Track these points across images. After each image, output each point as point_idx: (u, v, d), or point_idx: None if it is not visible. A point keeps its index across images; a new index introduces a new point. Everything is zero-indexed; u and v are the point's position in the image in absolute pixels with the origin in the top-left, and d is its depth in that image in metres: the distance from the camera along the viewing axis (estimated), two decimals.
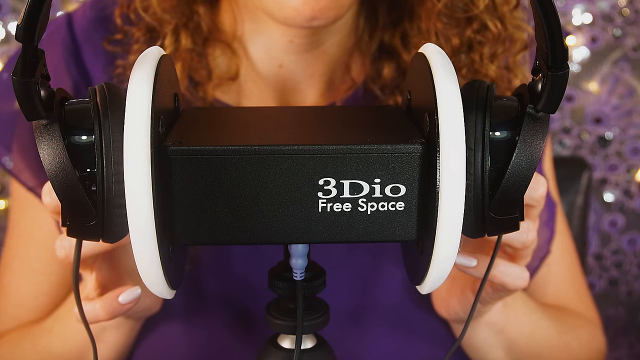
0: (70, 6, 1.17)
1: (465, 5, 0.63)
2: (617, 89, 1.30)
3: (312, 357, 0.49)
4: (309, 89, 0.71)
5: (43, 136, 0.39)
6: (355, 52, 0.72)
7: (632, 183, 1.35)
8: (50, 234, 0.70)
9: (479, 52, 0.65)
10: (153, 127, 0.37)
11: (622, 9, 1.27)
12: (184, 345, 0.69)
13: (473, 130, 0.41)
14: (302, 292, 0.47)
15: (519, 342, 0.69)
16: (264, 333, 0.51)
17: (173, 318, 0.69)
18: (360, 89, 0.71)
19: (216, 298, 0.69)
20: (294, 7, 0.59)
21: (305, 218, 0.40)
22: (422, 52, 0.44)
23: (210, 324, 0.69)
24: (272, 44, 0.68)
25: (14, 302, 0.72)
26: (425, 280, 0.42)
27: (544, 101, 0.40)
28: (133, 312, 0.58)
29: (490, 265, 0.48)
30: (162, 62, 0.41)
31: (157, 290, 0.41)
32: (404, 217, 0.41)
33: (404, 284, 0.70)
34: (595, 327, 0.79)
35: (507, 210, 0.42)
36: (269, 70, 0.70)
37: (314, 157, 0.40)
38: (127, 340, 0.67)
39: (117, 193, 0.40)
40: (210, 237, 0.41)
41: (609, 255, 1.39)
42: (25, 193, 0.71)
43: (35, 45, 0.36)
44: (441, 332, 0.70)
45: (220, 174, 0.40)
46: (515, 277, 0.53)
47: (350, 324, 0.69)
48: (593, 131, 1.32)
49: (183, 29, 0.66)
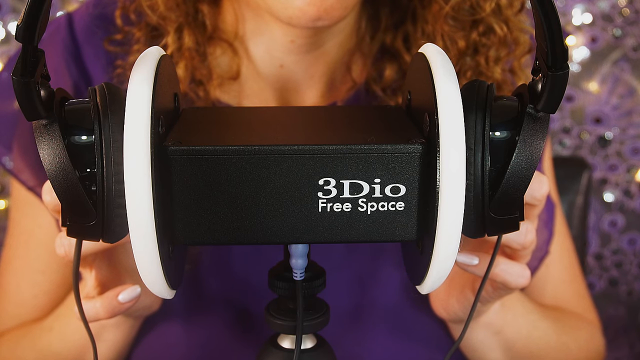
0: (70, 6, 1.17)
1: (472, 8, 0.63)
2: (617, 89, 1.30)
3: (312, 357, 0.49)
4: (310, 89, 0.71)
5: (43, 136, 0.39)
6: (357, 53, 0.72)
7: (632, 183, 1.35)
8: (50, 233, 0.70)
9: (484, 55, 0.65)
10: (153, 127, 0.37)
11: (622, 9, 1.27)
12: (183, 345, 0.69)
13: (473, 130, 0.41)
14: (302, 292, 0.47)
15: (516, 343, 0.69)
16: (264, 333, 0.51)
17: (173, 318, 0.69)
18: (361, 89, 0.71)
19: (216, 298, 0.69)
20: (298, 7, 0.59)
21: (305, 218, 0.40)
22: (422, 52, 0.44)
23: (210, 323, 0.69)
24: (274, 43, 0.68)
25: (14, 301, 0.72)
26: (426, 280, 0.42)
27: (544, 101, 0.40)
28: (133, 310, 0.58)
29: (491, 265, 0.48)
30: (162, 62, 0.41)
31: (157, 290, 0.41)
32: (404, 217, 0.41)
33: (403, 285, 0.70)
34: (594, 328, 0.79)
35: (507, 210, 0.42)
36: (270, 70, 0.70)
37: (314, 157, 0.40)
38: (127, 339, 0.67)
39: (117, 193, 0.40)
40: (210, 237, 0.41)
41: (609, 255, 1.39)
42: (25, 192, 0.71)
43: (35, 45, 0.36)
44: (439, 333, 0.70)
45: (220, 174, 0.40)
46: (517, 276, 0.54)
47: (349, 324, 0.69)
48: (593, 131, 1.32)
49: (186, 28, 0.66)
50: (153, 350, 0.70)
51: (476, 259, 0.52)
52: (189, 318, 0.69)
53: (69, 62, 0.69)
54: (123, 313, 0.54)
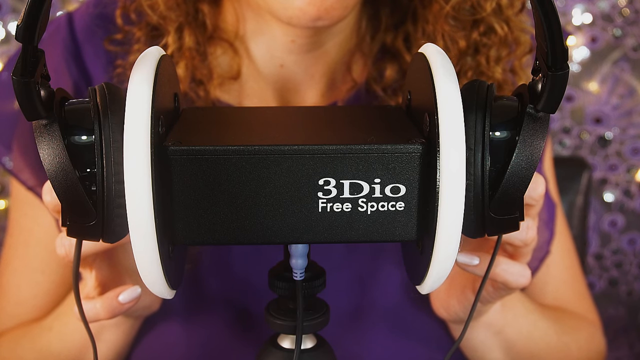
0: (70, 6, 1.17)
1: (472, 8, 0.63)
2: (617, 89, 1.30)
3: (312, 357, 0.49)
4: (310, 89, 0.71)
5: (43, 136, 0.39)
6: (357, 53, 0.72)
7: (632, 183, 1.35)
8: (50, 233, 0.70)
9: (485, 54, 0.65)
10: (153, 127, 0.37)
11: (622, 9, 1.27)
12: (183, 344, 0.69)
13: (473, 130, 0.41)
14: (302, 292, 0.47)
15: (517, 343, 0.69)
16: (264, 333, 0.51)
17: (173, 318, 0.69)
18: (362, 89, 0.71)
19: (216, 298, 0.69)
20: (299, 7, 0.59)
21: (305, 218, 0.40)
22: (422, 52, 0.44)
23: (210, 323, 0.69)
24: (274, 43, 0.68)
25: (13, 300, 0.72)
26: (426, 280, 0.42)
27: (544, 101, 0.40)
28: (132, 311, 0.58)
29: (491, 265, 0.48)
30: (162, 62, 0.41)
31: (157, 290, 0.41)
32: (404, 217, 0.41)
33: (403, 285, 0.70)
34: (594, 329, 0.79)
35: (507, 210, 0.42)
36: (270, 70, 0.70)
37: (314, 157, 0.40)
38: (126, 339, 0.67)
39: (117, 193, 0.40)
40: (210, 237, 0.41)
41: (609, 255, 1.39)
42: (25, 192, 0.71)
43: (35, 45, 0.36)
44: (439, 333, 0.70)
45: (220, 174, 0.40)
46: (517, 275, 0.54)
47: (349, 324, 0.69)
48: (593, 131, 1.32)
49: (187, 27, 0.66)
50: (153, 350, 0.70)
51: (477, 259, 0.52)
52: (189, 318, 0.69)
53: (69, 62, 0.69)
54: (123, 313, 0.54)
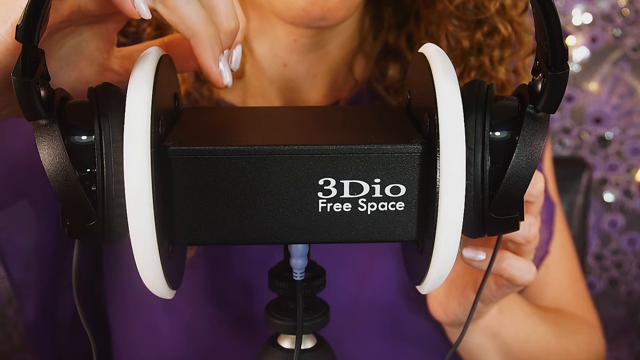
0: None
1: (476, 8, 0.63)
2: (617, 89, 1.30)
3: (312, 357, 0.49)
4: (313, 88, 0.71)
5: (43, 136, 0.39)
6: (360, 52, 0.72)
7: (632, 183, 1.35)
8: None
9: (488, 55, 0.65)
10: (153, 127, 0.37)
11: (622, 9, 1.27)
12: (183, 345, 0.69)
13: (473, 130, 0.41)
14: (302, 292, 0.47)
15: (514, 346, 0.68)
16: (264, 333, 0.51)
17: (173, 317, 0.69)
18: (364, 89, 0.71)
19: (216, 298, 0.69)
20: (302, 7, 0.59)
21: (305, 218, 0.40)
22: (422, 52, 0.44)
23: (211, 324, 0.69)
24: (277, 43, 0.68)
25: None
26: (426, 280, 0.42)
27: (544, 101, 0.40)
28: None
29: (491, 264, 0.48)
30: (162, 62, 0.41)
31: (157, 290, 0.41)
32: (404, 217, 0.41)
33: (400, 286, 0.70)
34: (594, 331, 0.78)
35: (507, 210, 0.42)
36: (273, 69, 0.70)
37: (314, 157, 0.40)
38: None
39: (117, 193, 0.40)
40: (210, 237, 0.41)
41: (609, 255, 1.39)
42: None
43: (35, 45, 0.36)
44: (434, 336, 0.70)
45: (220, 174, 0.40)
46: (524, 271, 0.53)
47: (347, 324, 0.69)
48: (593, 131, 1.32)
49: None
50: (153, 350, 0.70)
51: (483, 254, 0.52)
52: (189, 318, 0.69)
53: None
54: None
